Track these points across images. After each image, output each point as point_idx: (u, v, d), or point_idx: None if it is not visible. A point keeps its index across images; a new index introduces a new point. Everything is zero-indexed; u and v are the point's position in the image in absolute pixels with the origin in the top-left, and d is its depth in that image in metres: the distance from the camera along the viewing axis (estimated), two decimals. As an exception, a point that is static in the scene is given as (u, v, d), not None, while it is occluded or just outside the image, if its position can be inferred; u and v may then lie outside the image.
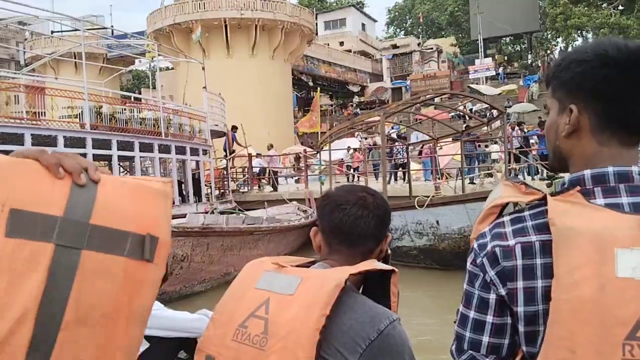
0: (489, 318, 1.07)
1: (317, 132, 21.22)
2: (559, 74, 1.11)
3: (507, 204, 1.11)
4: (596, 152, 1.06)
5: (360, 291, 1.43)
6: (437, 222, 9.79)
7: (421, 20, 57.80)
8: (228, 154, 17.35)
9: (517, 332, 1.05)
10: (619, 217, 0.97)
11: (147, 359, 2.58)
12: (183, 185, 14.47)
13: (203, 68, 15.42)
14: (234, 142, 17.69)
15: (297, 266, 1.43)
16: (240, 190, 18.35)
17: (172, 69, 36.55)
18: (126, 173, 17.17)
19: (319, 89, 25.59)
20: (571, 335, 0.93)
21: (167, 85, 35.82)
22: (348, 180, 20.27)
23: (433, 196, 10.30)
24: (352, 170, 20.70)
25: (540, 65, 46.42)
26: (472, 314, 1.10)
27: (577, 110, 1.06)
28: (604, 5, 37.42)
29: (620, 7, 35.67)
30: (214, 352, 1.38)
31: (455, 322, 1.16)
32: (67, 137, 10.81)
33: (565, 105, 1.08)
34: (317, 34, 37.92)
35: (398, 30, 67.17)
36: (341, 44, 49.35)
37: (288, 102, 33.17)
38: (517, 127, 18.11)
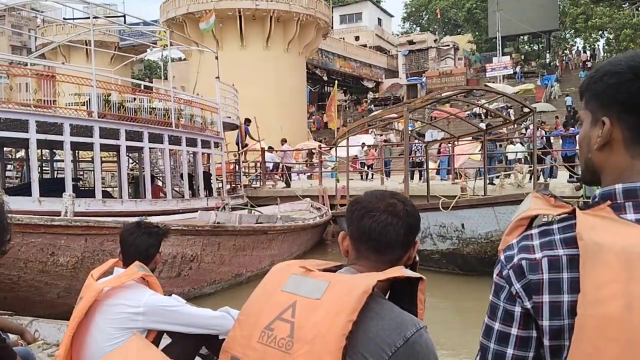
0: (514, 330, 1.06)
1: (334, 128, 20.65)
2: (592, 86, 1.09)
3: (536, 216, 1.09)
4: (628, 166, 1.05)
5: (387, 297, 1.43)
6: (462, 225, 9.13)
7: (439, 16, 56.96)
8: (240, 148, 16.80)
9: (542, 346, 1.03)
10: None
11: (170, 355, 2.69)
12: (194, 178, 13.96)
13: (216, 57, 14.90)
14: (247, 136, 17.13)
15: (324, 270, 1.44)
16: (252, 186, 17.82)
17: (185, 60, 36.10)
18: (135, 164, 16.71)
19: (336, 82, 24.96)
20: (596, 352, 0.92)
21: (179, 76, 35.48)
22: (362, 177, 19.76)
23: (459, 198, 9.67)
24: (365, 167, 20.19)
25: (558, 64, 45.54)
26: (497, 325, 1.09)
27: (610, 123, 1.05)
28: (625, 5, 36.59)
29: (643, 8, 34.82)
30: (240, 353, 1.41)
31: None
32: (74, 125, 10.33)
33: (598, 117, 1.07)
34: (332, 28, 37.23)
35: (414, 26, 66.34)
36: (357, 38, 48.68)
37: (302, 96, 32.56)
38: (540, 128, 17.41)
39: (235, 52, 27.80)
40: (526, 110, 11.32)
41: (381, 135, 29.35)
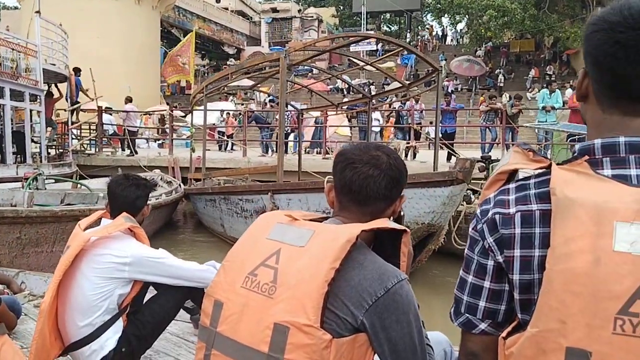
0: (487, 284, 1.06)
1: (188, 81, 18.00)
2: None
3: (516, 170, 1.07)
4: (601, 120, 1.02)
5: (371, 249, 1.41)
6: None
7: (305, -15, 55.40)
8: (70, 105, 13.66)
9: (514, 299, 1.03)
10: (624, 189, 0.92)
11: (155, 307, 2.75)
12: (1, 140, 10.86)
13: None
14: (78, 90, 13.96)
15: (310, 220, 1.43)
16: (86, 152, 14.77)
17: (19, 9, 30.89)
18: None
19: (195, 27, 22.18)
20: (562, 306, 0.91)
21: (14, 26, 30.42)
22: (220, 148, 17.52)
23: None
24: (225, 136, 17.92)
25: (417, 45, 46.10)
26: (470, 278, 1.09)
27: (582, 74, 1.05)
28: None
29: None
30: (223, 297, 1.38)
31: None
32: None
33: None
34: (191, -15, 34.07)
35: (277, -6, 64.18)
36: (217, 0, 45.43)
37: (155, 55, 29.08)
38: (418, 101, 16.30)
39: (75, -2, 23.84)
40: (391, 87, 10.01)
41: (242, 104, 27.23)
